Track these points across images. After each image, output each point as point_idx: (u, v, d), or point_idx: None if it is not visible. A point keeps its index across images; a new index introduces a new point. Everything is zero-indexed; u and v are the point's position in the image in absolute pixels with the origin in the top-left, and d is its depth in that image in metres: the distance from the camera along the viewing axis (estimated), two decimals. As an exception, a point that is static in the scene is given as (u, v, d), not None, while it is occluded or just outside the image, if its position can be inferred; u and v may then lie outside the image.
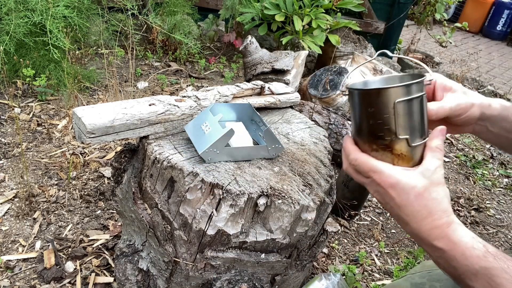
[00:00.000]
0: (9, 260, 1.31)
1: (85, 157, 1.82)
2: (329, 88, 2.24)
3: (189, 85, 2.65)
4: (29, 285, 1.25)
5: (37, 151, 1.81)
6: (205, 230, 0.88)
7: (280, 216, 0.88)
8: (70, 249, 1.37)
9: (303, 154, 1.01)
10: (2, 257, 1.30)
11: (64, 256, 1.35)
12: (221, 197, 0.84)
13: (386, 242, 1.75)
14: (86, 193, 1.62)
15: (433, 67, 3.85)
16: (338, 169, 2.04)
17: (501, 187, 2.40)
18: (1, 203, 1.51)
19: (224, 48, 3.28)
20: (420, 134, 0.68)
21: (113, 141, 0.99)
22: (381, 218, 1.90)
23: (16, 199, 1.54)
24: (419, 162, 0.67)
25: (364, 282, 1.52)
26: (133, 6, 2.37)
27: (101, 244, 1.41)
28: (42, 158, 1.77)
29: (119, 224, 1.50)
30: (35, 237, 1.41)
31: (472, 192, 2.25)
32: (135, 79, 2.56)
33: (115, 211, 1.56)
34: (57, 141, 1.89)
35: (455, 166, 2.51)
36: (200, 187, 0.85)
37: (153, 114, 0.92)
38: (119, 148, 1.92)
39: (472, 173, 2.47)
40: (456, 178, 2.38)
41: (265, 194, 0.86)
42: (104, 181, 1.71)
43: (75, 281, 1.28)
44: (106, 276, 1.32)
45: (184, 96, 1.03)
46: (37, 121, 1.98)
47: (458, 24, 3.98)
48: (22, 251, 1.35)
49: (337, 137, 2.06)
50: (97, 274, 1.31)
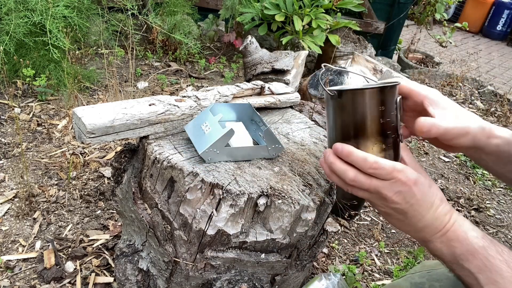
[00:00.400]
0: (9, 260, 1.31)
1: (85, 157, 1.82)
2: (329, 88, 2.23)
3: (189, 85, 2.65)
4: (29, 285, 1.25)
5: (37, 151, 1.81)
6: (205, 230, 0.88)
7: (280, 216, 0.88)
8: (70, 249, 1.37)
9: (303, 154, 1.01)
10: (2, 257, 1.30)
11: (64, 256, 1.35)
12: (221, 197, 0.84)
13: (386, 242, 1.75)
14: (86, 193, 1.63)
15: (433, 67, 3.85)
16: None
17: (501, 187, 2.40)
18: (1, 203, 1.51)
19: (224, 48, 3.28)
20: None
21: (113, 141, 0.99)
22: (381, 218, 1.90)
23: (16, 199, 1.54)
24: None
25: (364, 282, 1.52)
26: (133, 6, 2.37)
27: (101, 244, 1.41)
28: (42, 158, 1.77)
29: (119, 224, 1.50)
30: (35, 237, 1.41)
31: (472, 192, 2.25)
32: (135, 79, 2.56)
33: (115, 211, 1.56)
34: (57, 141, 1.89)
35: (455, 166, 2.51)
36: (200, 187, 0.85)
37: (153, 114, 0.92)
38: (119, 148, 1.92)
39: (472, 173, 2.47)
40: (456, 178, 2.38)
41: (265, 194, 0.86)
42: (104, 181, 1.71)
43: (75, 281, 1.28)
44: (106, 276, 1.32)
45: (184, 96, 1.03)
46: (37, 121, 1.98)
47: (458, 24, 3.98)
48: (22, 251, 1.35)
49: (337, 137, 2.05)
50: (97, 274, 1.31)
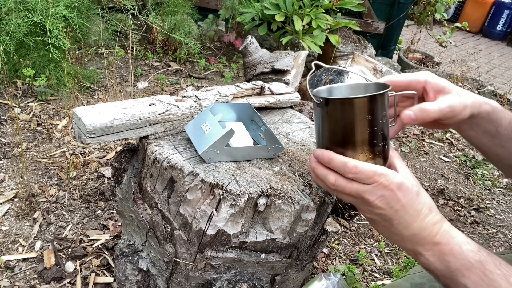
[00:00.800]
0: (9, 260, 1.31)
1: (85, 157, 1.82)
2: (329, 88, 2.23)
3: (189, 85, 2.65)
4: (29, 285, 1.25)
5: (37, 151, 1.81)
6: (205, 230, 0.88)
7: (280, 216, 0.88)
8: (70, 249, 1.38)
9: (303, 154, 1.01)
10: (2, 257, 1.30)
11: (64, 256, 1.35)
12: (221, 197, 0.84)
13: (386, 242, 1.75)
14: (86, 193, 1.63)
15: (433, 67, 3.85)
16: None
17: (501, 187, 2.40)
18: (1, 203, 1.51)
19: (224, 48, 3.27)
20: None
21: (113, 141, 0.99)
22: (381, 218, 1.90)
23: (16, 199, 1.54)
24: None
25: (364, 282, 1.52)
26: (133, 6, 2.37)
27: (101, 244, 1.41)
28: (42, 158, 1.77)
29: (119, 224, 1.50)
30: (35, 237, 1.41)
31: (472, 192, 2.25)
32: (135, 79, 2.56)
33: (115, 211, 1.56)
34: (57, 141, 1.89)
35: (455, 166, 2.51)
36: (200, 187, 0.85)
37: (153, 114, 0.92)
38: (119, 148, 1.92)
39: (472, 173, 2.47)
40: (456, 178, 2.38)
41: (265, 194, 0.86)
42: (104, 181, 1.71)
43: (75, 281, 1.28)
44: (106, 276, 1.32)
45: (184, 96, 1.03)
46: (37, 121, 1.98)
47: (458, 24, 3.98)
48: (22, 251, 1.35)
49: (337, 137, 2.05)
50: (97, 274, 1.31)
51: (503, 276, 0.56)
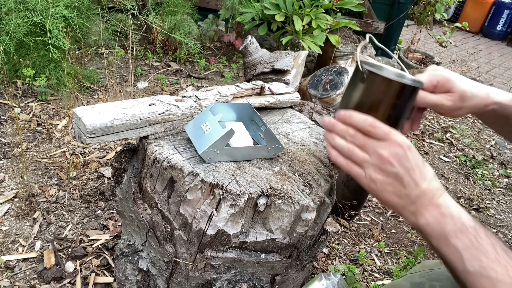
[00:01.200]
0: (9, 260, 1.31)
1: (85, 157, 1.82)
2: (329, 88, 2.24)
3: (189, 85, 2.65)
4: (29, 285, 1.25)
5: (37, 151, 1.81)
6: (205, 230, 0.88)
7: (280, 216, 0.88)
8: (70, 249, 1.38)
9: (303, 154, 1.01)
10: (2, 257, 1.30)
11: (64, 256, 1.35)
12: (221, 197, 0.84)
13: (386, 242, 1.75)
14: (86, 193, 1.63)
15: (433, 67, 3.85)
16: (338, 169, 2.04)
17: (501, 187, 2.40)
18: (1, 203, 1.51)
19: (224, 48, 3.27)
20: None
21: (113, 141, 0.99)
22: (381, 218, 1.90)
23: (16, 199, 1.54)
24: None
25: (364, 282, 1.52)
26: (133, 6, 2.37)
27: (101, 244, 1.41)
28: (42, 158, 1.77)
29: (119, 224, 1.50)
30: (35, 237, 1.41)
31: (472, 192, 2.25)
32: (135, 79, 2.56)
33: (115, 211, 1.56)
34: (57, 141, 1.89)
35: (455, 166, 2.51)
36: (200, 187, 0.85)
37: (153, 114, 0.92)
38: (119, 148, 1.92)
39: (472, 173, 2.47)
40: (456, 178, 2.38)
41: (265, 194, 0.86)
42: (104, 181, 1.71)
43: (75, 281, 1.28)
44: (106, 276, 1.32)
45: (184, 96, 1.03)
46: (37, 121, 1.98)
47: (458, 24, 3.97)
48: (22, 251, 1.35)
49: (337, 137, 2.05)
50: (97, 274, 1.31)
51: (491, 245, 0.60)
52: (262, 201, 0.85)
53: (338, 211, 1.77)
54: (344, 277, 1.48)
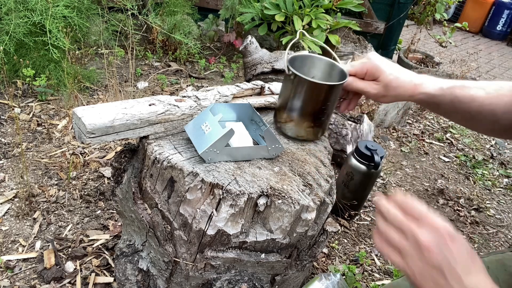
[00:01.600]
0: (9, 260, 1.31)
1: (85, 157, 1.82)
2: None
3: (189, 85, 2.65)
4: (29, 285, 1.25)
5: (37, 151, 1.81)
6: (205, 230, 0.88)
7: (280, 216, 0.88)
8: (70, 249, 1.38)
9: (303, 154, 1.01)
10: (2, 257, 1.30)
11: (64, 256, 1.35)
12: (221, 197, 0.84)
13: (386, 242, 1.75)
14: (86, 193, 1.63)
15: (433, 67, 3.85)
16: (338, 169, 2.04)
17: (501, 187, 2.40)
18: (1, 203, 1.51)
19: (224, 48, 3.28)
20: None
21: (113, 141, 0.99)
22: (381, 218, 1.90)
23: (16, 199, 1.54)
24: None
25: (364, 282, 1.52)
26: (133, 6, 2.37)
27: (101, 244, 1.41)
28: (42, 158, 1.77)
29: (119, 224, 1.50)
30: (35, 237, 1.41)
31: (472, 192, 2.25)
32: (135, 79, 2.56)
33: (115, 211, 1.56)
34: (57, 141, 1.89)
35: (455, 166, 2.51)
36: (200, 187, 0.85)
37: (153, 114, 0.92)
38: (119, 148, 1.92)
39: (472, 173, 2.47)
40: (456, 178, 2.38)
41: (265, 194, 0.86)
42: (104, 181, 1.71)
43: (75, 281, 1.28)
44: (106, 276, 1.32)
45: (184, 96, 1.03)
46: (37, 121, 1.98)
47: (458, 24, 3.97)
48: (22, 251, 1.35)
49: (337, 137, 2.06)
50: (97, 274, 1.31)
51: None
52: (262, 201, 0.85)
53: (338, 211, 1.77)
54: (344, 277, 1.48)
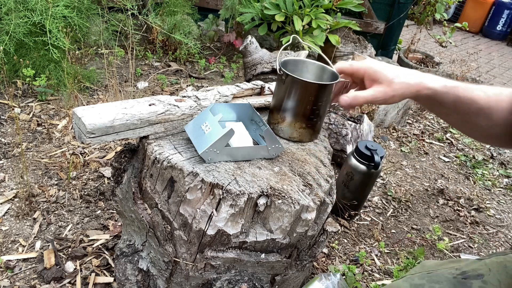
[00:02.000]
0: (9, 260, 1.31)
1: (85, 157, 1.82)
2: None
3: (189, 85, 2.65)
4: (29, 285, 1.25)
5: (37, 151, 1.81)
6: (205, 230, 0.88)
7: (280, 216, 0.88)
8: (70, 249, 1.38)
9: (303, 154, 1.01)
10: (2, 257, 1.30)
11: (64, 256, 1.35)
12: (221, 197, 0.84)
13: (386, 242, 1.75)
14: (86, 193, 1.63)
15: (433, 67, 3.85)
16: (338, 169, 2.04)
17: (501, 187, 2.40)
18: (1, 203, 1.51)
19: (224, 48, 3.28)
20: None
21: (113, 141, 0.99)
22: (381, 218, 1.90)
23: (16, 199, 1.54)
24: None
25: (364, 282, 1.52)
26: (133, 6, 2.37)
27: (101, 244, 1.41)
28: (42, 158, 1.77)
29: (119, 224, 1.50)
30: (35, 237, 1.41)
31: (472, 192, 2.25)
32: (135, 79, 2.56)
33: (115, 211, 1.56)
34: (57, 141, 1.89)
35: (455, 166, 2.51)
36: (200, 187, 0.85)
37: (153, 114, 0.92)
38: (119, 148, 1.92)
39: (472, 173, 2.47)
40: (456, 178, 2.38)
41: (265, 194, 0.86)
42: (104, 181, 1.71)
43: (75, 281, 1.28)
44: (106, 276, 1.32)
45: (184, 96, 1.03)
46: (37, 121, 1.98)
47: (458, 24, 3.97)
48: (22, 251, 1.35)
49: (337, 137, 2.06)
50: (97, 274, 1.31)
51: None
52: (262, 201, 0.85)
53: (338, 211, 1.77)
54: (344, 277, 1.48)
